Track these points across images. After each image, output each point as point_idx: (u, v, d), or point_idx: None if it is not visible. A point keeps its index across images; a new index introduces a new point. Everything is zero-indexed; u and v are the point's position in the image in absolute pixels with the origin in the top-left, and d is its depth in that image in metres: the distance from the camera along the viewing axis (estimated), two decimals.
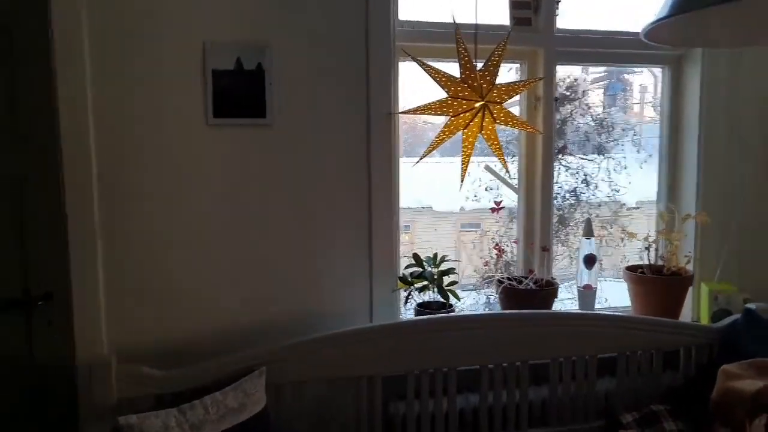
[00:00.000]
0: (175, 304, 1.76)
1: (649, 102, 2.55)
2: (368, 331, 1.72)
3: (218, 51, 1.73)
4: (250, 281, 1.81)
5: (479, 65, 1.87)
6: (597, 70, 2.44)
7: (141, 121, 1.69)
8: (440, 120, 1.91)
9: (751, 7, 0.84)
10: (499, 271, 2.14)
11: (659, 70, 2.35)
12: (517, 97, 2.12)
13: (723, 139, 2.17)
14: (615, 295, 2.36)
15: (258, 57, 1.76)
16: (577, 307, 2.18)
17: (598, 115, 2.39)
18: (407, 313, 2.07)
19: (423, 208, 2.49)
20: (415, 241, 2.42)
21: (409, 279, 1.91)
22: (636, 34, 2.19)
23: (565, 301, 2.30)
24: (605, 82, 2.47)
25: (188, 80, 1.72)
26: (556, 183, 2.27)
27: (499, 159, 1.97)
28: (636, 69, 2.47)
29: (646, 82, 2.54)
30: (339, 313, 1.87)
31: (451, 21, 1.81)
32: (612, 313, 2.05)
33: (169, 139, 1.72)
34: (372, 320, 1.90)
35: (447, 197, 2.47)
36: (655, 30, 0.82)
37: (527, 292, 1.96)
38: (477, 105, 1.89)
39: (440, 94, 1.86)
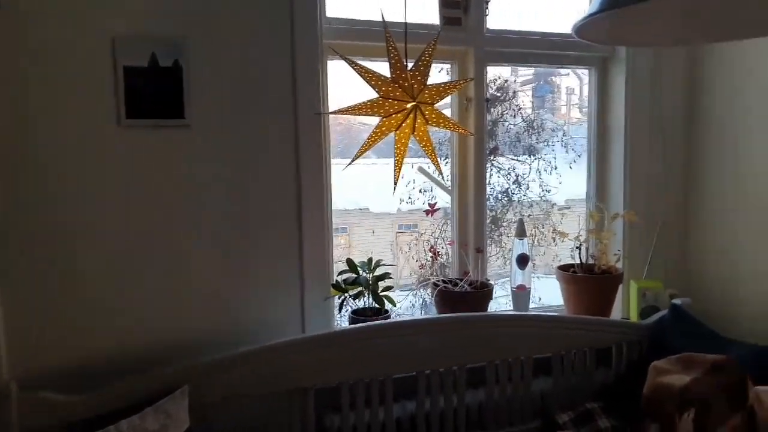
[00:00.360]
0: (86, 322, 1.61)
1: (576, 104, 2.60)
2: (298, 343, 1.64)
3: (130, 46, 1.61)
4: (170, 293, 1.69)
5: (410, 65, 1.82)
6: (526, 73, 2.46)
7: (39, 122, 1.54)
8: (376, 121, 1.86)
9: (683, 5, 0.83)
10: (435, 273, 2.11)
11: (584, 73, 2.39)
12: (448, 98, 2.10)
13: (648, 139, 2.22)
14: (549, 293, 2.38)
15: (175, 53, 1.64)
16: (511, 307, 2.18)
17: (528, 116, 2.41)
18: (342, 320, 2.00)
19: (360, 209, 2.43)
20: (352, 243, 2.36)
21: (343, 285, 1.84)
22: (564, 35, 2.26)
23: (501, 300, 2.29)
24: (534, 84, 2.49)
25: (96, 78, 1.58)
26: (489, 184, 2.27)
27: (432, 161, 1.93)
28: (563, 71, 2.51)
29: (572, 85, 2.58)
30: (269, 324, 1.78)
31: (380, 19, 1.76)
32: (545, 313, 2.06)
33: (74, 142, 1.57)
34: (304, 330, 1.82)
35: (383, 198, 2.43)
36: (586, 27, 0.79)
37: (462, 295, 1.93)
38: (408, 106, 1.84)
39: (373, 94, 1.81)
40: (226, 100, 1.71)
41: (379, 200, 2.43)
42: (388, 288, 1.87)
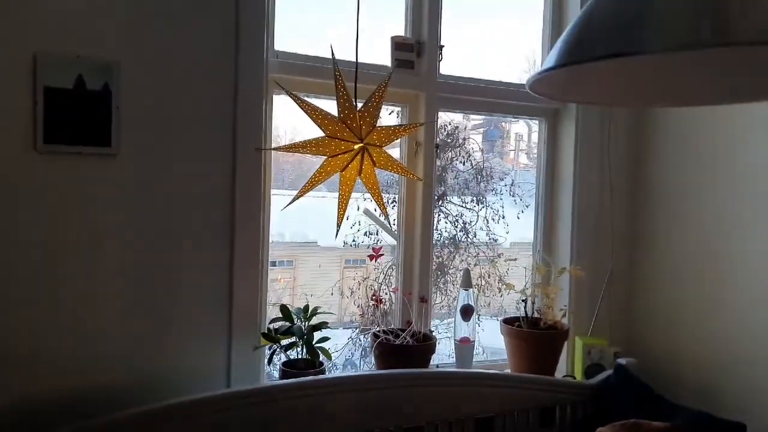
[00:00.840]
0: None
1: (524, 149, 2.59)
2: (219, 399, 1.48)
3: (54, 65, 1.47)
4: (76, 339, 1.52)
5: (359, 105, 1.75)
6: (476, 117, 2.44)
7: None
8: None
9: (642, 65, 0.78)
10: (376, 321, 2.00)
11: (534, 121, 2.38)
12: (397, 141, 2.03)
13: (597, 192, 2.21)
14: (493, 340, 2.29)
15: (104, 76, 1.51)
16: (454, 359, 2.09)
17: (478, 162, 2.37)
18: (274, 371, 1.86)
19: (307, 243, 2.32)
20: (297, 277, 2.24)
21: (275, 335, 1.70)
22: (517, 85, 2.25)
23: (443, 350, 2.20)
24: (484, 128, 2.47)
25: (12, 97, 1.43)
26: (436, 230, 2.20)
27: (378, 204, 1.86)
28: (513, 118, 2.50)
29: (521, 131, 2.58)
30: (190, 377, 1.62)
31: (330, 56, 1.69)
32: (490, 371, 1.97)
33: None
34: (230, 383, 1.67)
35: (331, 233, 2.32)
36: (540, 82, 0.73)
37: (404, 348, 1.82)
38: (356, 147, 1.77)
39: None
40: (158, 130, 1.58)
41: (327, 234, 2.32)
42: (324, 339, 1.75)
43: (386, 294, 2.14)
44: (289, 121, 1.92)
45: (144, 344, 1.59)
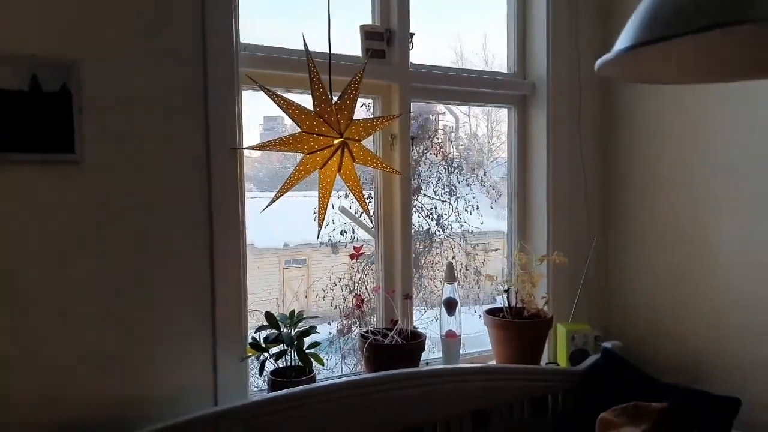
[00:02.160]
0: None
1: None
2: (204, 420, 1.38)
3: (5, 65, 1.33)
4: (48, 364, 1.38)
5: (335, 98, 1.68)
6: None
7: None
8: None
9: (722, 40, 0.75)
10: (359, 323, 1.94)
11: (465, 110, 2.37)
12: (371, 136, 1.97)
13: (570, 179, 2.21)
14: (471, 329, 2.27)
15: (62, 76, 1.38)
16: (438, 353, 2.05)
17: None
18: (262, 383, 1.76)
19: (249, 244, 2.21)
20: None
21: (262, 344, 1.61)
22: (489, 73, 2.22)
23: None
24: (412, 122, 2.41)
25: None
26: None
27: (359, 202, 1.79)
28: (440, 110, 2.47)
29: (450, 121, 2.56)
30: (175, 394, 1.51)
31: (302, 47, 1.60)
32: (479, 365, 1.94)
33: None
34: (217, 397, 1.57)
35: (267, 232, 2.22)
36: (610, 63, 0.69)
37: (395, 348, 1.77)
38: (336, 142, 1.69)
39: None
40: (126, 132, 1.46)
41: (263, 234, 2.22)
42: (314, 345, 1.67)
43: (365, 293, 2.08)
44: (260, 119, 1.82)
45: (121, 365, 1.47)
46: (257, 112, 1.94)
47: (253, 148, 1.66)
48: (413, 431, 1.64)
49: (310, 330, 1.67)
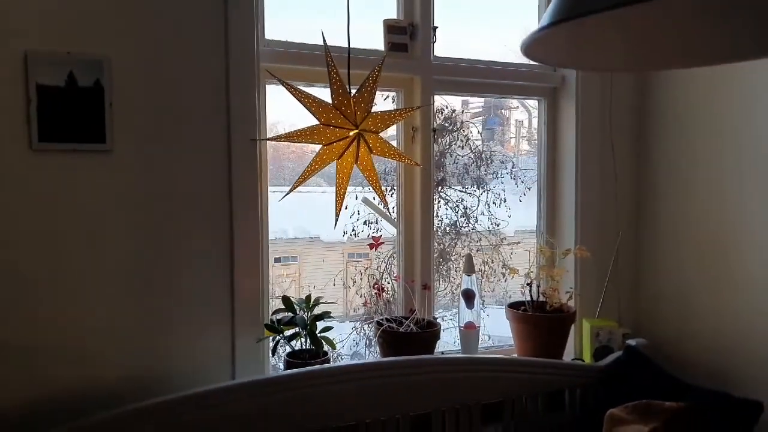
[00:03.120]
0: None
1: (525, 136, 2.56)
2: (223, 391, 1.47)
3: (45, 63, 1.45)
4: (76, 335, 1.51)
5: (353, 92, 1.73)
6: (475, 105, 2.40)
7: None
8: None
9: (642, 23, 0.75)
10: (379, 310, 1.99)
11: (533, 105, 2.35)
12: (393, 128, 2.01)
13: (599, 172, 2.17)
14: (499, 328, 2.27)
15: (95, 72, 1.50)
16: (459, 346, 2.07)
17: (477, 147, 2.34)
18: (279, 363, 1.84)
19: (311, 238, 2.30)
20: (302, 272, 2.22)
21: (278, 326, 1.69)
22: (514, 65, 2.21)
23: (448, 338, 2.18)
24: (483, 117, 2.43)
25: (5, 96, 1.42)
26: (437, 216, 2.17)
27: (377, 192, 1.83)
28: (513, 104, 2.47)
29: (521, 118, 2.55)
30: (193, 371, 1.61)
31: (321, 43, 1.66)
32: (495, 355, 1.95)
33: None
34: (234, 376, 1.66)
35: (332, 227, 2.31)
36: (535, 44, 0.70)
37: (408, 336, 1.80)
38: (351, 134, 1.74)
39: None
40: (152, 124, 1.57)
41: (329, 229, 2.32)
42: (327, 329, 1.73)
43: (388, 283, 2.13)
44: (285, 115, 1.89)
45: (145, 341, 1.58)
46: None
47: (271, 139, 1.74)
48: (420, 418, 1.67)
49: (324, 314, 1.73)
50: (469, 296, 1.99)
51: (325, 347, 1.71)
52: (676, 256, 2.11)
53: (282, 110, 1.89)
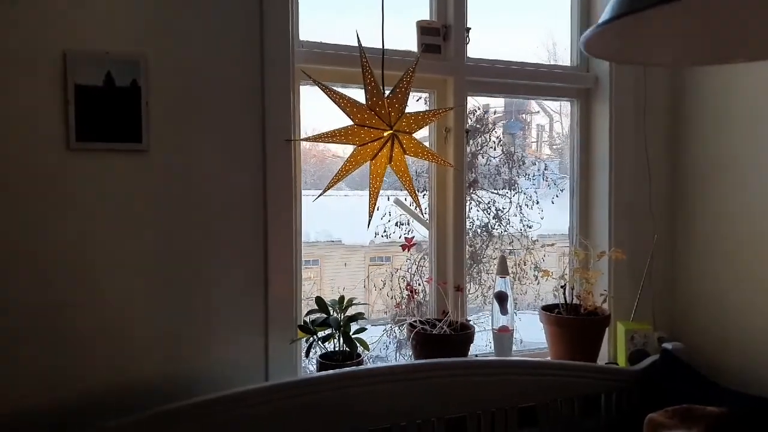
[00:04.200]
0: (6, 371, 1.43)
1: (546, 141, 2.54)
2: (257, 392, 1.46)
3: (84, 63, 1.47)
4: (111, 335, 1.52)
5: (387, 92, 1.72)
6: (497, 109, 2.38)
7: None
8: (349, 153, 1.74)
9: (704, 16, 0.73)
10: (411, 312, 1.97)
11: (555, 110, 2.33)
12: (426, 129, 2.00)
13: (633, 174, 2.14)
14: (531, 334, 2.25)
15: (132, 72, 1.51)
16: (492, 349, 2.05)
17: (508, 148, 2.32)
18: (310, 366, 1.84)
19: (332, 241, 2.30)
20: (323, 276, 2.22)
21: (311, 327, 1.68)
22: (547, 66, 2.18)
23: (480, 342, 2.16)
24: (504, 121, 2.41)
25: (44, 96, 1.44)
26: (468, 218, 2.16)
27: (410, 193, 1.82)
28: (534, 108, 2.45)
29: (542, 122, 2.53)
30: (228, 371, 1.61)
31: (356, 44, 1.66)
32: (531, 359, 1.92)
33: (16, 165, 1.42)
34: (268, 377, 1.66)
35: (356, 230, 2.32)
36: (595, 39, 0.68)
37: (442, 338, 1.79)
38: (385, 134, 1.74)
39: (348, 122, 1.69)
40: (188, 124, 1.58)
41: (352, 232, 2.32)
42: (361, 330, 1.72)
43: (419, 285, 2.11)
44: (318, 118, 1.89)
45: (178, 340, 1.58)
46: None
47: (306, 140, 1.74)
48: (455, 422, 1.65)
49: (358, 316, 1.72)
50: (502, 299, 1.97)
51: (359, 349, 1.70)
52: (712, 259, 2.06)
53: (315, 113, 1.89)
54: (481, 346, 2.17)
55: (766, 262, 1.88)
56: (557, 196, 2.33)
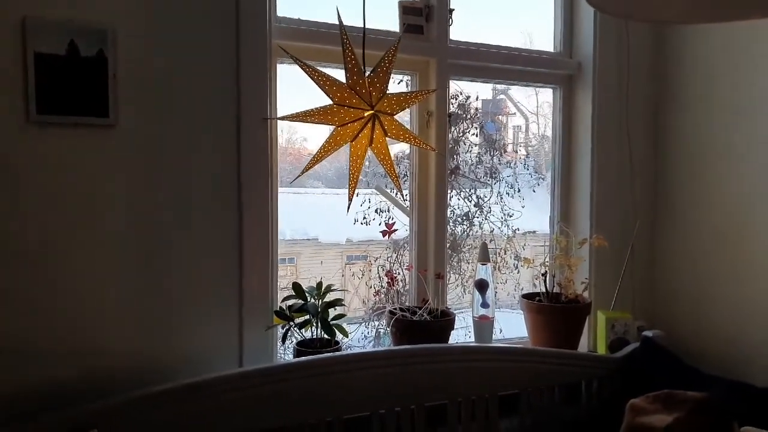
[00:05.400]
0: None
1: (522, 143, 2.52)
2: (232, 378, 1.40)
3: (44, 30, 1.38)
4: (79, 321, 1.43)
5: (368, 72, 1.67)
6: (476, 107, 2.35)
7: None
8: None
9: None
10: (390, 301, 1.92)
11: (531, 112, 2.31)
12: (407, 112, 1.95)
13: (615, 161, 2.12)
14: (510, 326, 2.22)
15: (98, 42, 1.43)
16: (471, 339, 2.01)
17: (490, 135, 2.28)
18: (287, 353, 1.78)
19: (308, 239, 2.24)
20: (299, 274, 2.16)
21: (288, 313, 1.62)
22: (531, 51, 2.15)
23: (460, 331, 2.12)
24: (481, 121, 2.38)
25: (1, 65, 1.35)
26: (449, 206, 2.12)
27: (391, 177, 1.77)
28: (510, 110, 2.42)
29: (519, 123, 2.51)
30: (201, 359, 1.54)
31: (336, 21, 1.60)
32: (511, 345, 1.89)
33: None
34: (242, 364, 1.59)
35: (333, 228, 2.27)
36: None
37: (422, 324, 1.74)
38: (366, 114, 1.68)
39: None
40: (158, 98, 1.50)
41: (328, 230, 2.27)
42: (339, 316, 1.67)
43: (399, 274, 2.06)
44: (296, 100, 1.82)
45: (150, 326, 1.51)
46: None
47: (283, 118, 1.67)
48: (436, 409, 1.61)
49: (336, 302, 1.66)
50: (482, 286, 1.93)
51: (338, 336, 1.65)
52: (693, 247, 2.05)
53: (294, 97, 1.82)
54: (461, 336, 2.13)
55: (745, 250, 1.88)
56: (538, 184, 2.31)
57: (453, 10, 1.95)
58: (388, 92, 1.70)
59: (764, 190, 1.81)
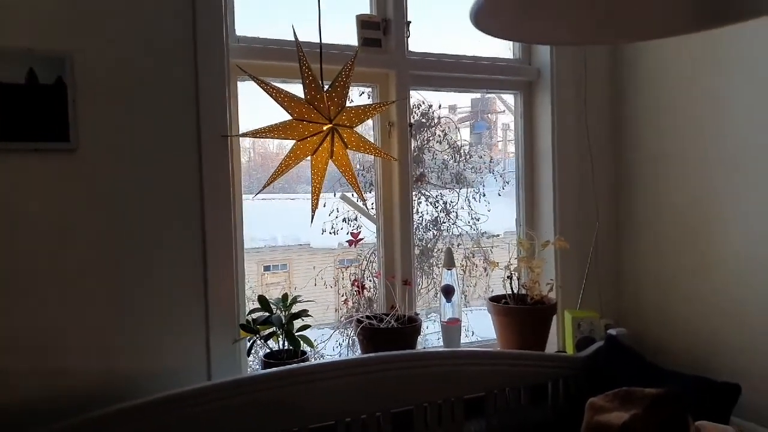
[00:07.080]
0: None
1: (511, 139, 2.56)
2: (198, 393, 1.43)
3: (4, 60, 1.41)
4: (42, 340, 1.46)
5: (326, 87, 1.71)
6: (462, 110, 2.39)
7: None
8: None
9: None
10: (361, 308, 1.96)
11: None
12: (369, 123, 1.99)
13: (576, 164, 2.17)
14: (483, 327, 2.26)
15: (57, 69, 1.46)
16: (442, 343, 2.05)
17: (455, 142, 2.33)
18: (255, 365, 1.81)
19: (300, 245, 2.27)
20: (293, 280, 2.21)
21: (253, 326, 1.65)
22: (490, 59, 2.20)
23: (432, 336, 2.16)
24: (471, 121, 2.43)
25: None
26: (417, 213, 2.16)
27: (353, 187, 1.81)
28: (500, 108, 2.46)
29: (507, 121, 2.55)
30: (169, 374, 1.57)
31: (293, 38, 1.64)
32: (477, 349, 1.93)
33: None
34: (210, 378, 1.62)
35: (325, 234, 2.29)
36: (482, 15, 0.68)
37: (388, 331, 1.78)
38: (325, 128, 1.72)
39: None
40: (119, 121, 1.53)
41: (319, 235, 2.30)
42: (304, 327, 1.70)
43: (370, 281, 2.10)
44: (259, 117, 1.86)
45: (118, 344, 1.53)
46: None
47: (243, 135, 1.71)
48: (402, 415, 1.64)
49: (302, 313, 1.70)
50: (448, 291, 1.97)
51: (304, 347, 1.68)
52: (655, 246, 2.10)
53: (257, 113, 1.85)
54: (433, 340, 2.17)
55: (704, 247, 1.93)
56: (503, 188, 2.35)
57: (410, 22, 1.99)
58: (347, 105, 1.74)
59: (724, 191, 1.86)
